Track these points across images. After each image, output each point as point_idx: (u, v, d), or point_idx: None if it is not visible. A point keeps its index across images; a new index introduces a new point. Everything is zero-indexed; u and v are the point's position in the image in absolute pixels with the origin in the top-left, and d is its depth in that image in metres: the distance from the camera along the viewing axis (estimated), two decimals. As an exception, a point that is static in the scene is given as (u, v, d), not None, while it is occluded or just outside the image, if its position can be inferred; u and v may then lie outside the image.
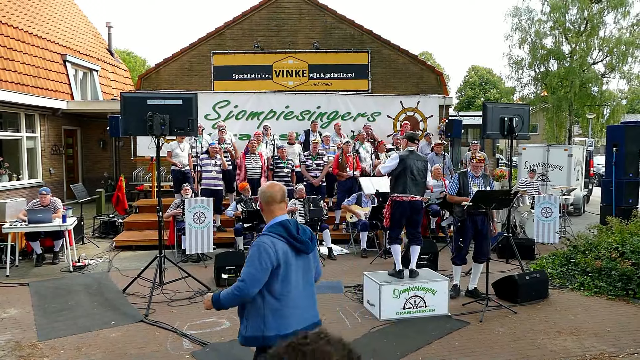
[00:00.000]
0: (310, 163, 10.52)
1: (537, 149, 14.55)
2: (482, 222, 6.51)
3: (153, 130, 6.48)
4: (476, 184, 6.59)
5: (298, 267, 2.99)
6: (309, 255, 3.07)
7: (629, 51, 25.36)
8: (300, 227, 3.09)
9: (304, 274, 3.04)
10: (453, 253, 6.78)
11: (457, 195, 6.58)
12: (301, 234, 3.02)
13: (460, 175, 6.68)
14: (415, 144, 6.66)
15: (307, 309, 3.05)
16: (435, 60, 52.34)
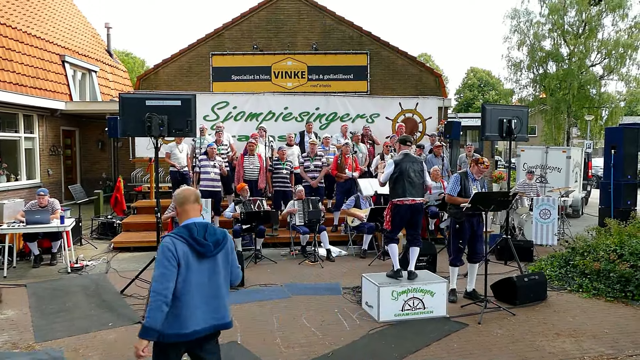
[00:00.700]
0: (308, 164, 10.51)
1: (535, 150, 14.56)
2: (478, 223, 6.56)
3: (151, 131, 6.47)
4: (475, 187, 6.59)
5: (202, 269, 3.07)
6: (217, 258, 3.14)
7: (628, 53, 25.45)
8: (210, 229, 3.15)
9: (210, 276, 3.10)
10: (451, 255, 6.75)
11: (458, 196, 6.56)
12: (207, 237, 3.09)
13: (462, 175, 6.65)
14: (409, 147, 6.65)
15: (211, 311, 3.11)
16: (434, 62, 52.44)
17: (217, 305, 3.15)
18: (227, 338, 5.36)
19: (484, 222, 6.52)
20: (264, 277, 7.82)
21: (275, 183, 10.40)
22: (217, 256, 3.14)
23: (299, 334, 5.49)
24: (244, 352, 5.02)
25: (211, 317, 3.12)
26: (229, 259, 3.25)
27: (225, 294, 3.23)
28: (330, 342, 5.26)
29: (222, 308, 3.19)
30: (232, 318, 3.30)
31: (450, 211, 6.81)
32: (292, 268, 8.49)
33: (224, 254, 3.20)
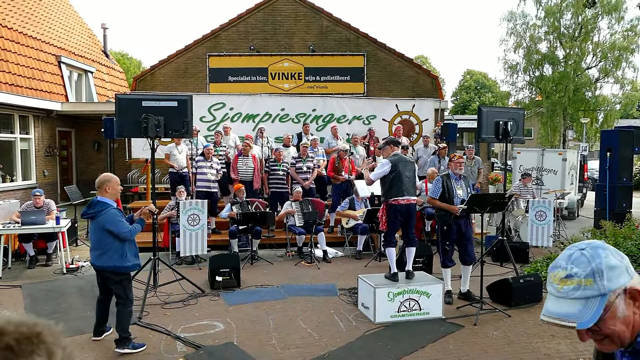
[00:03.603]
0: (300, 165, 10.50)
1: (531, 153, 14.60)
2: (465, 225, 6.60)
3: (148, 132, 6.46)
4: (460, 186, 6.60)
5: (90, 227, 5.20)
6: (94, 221, 5.04)
7: (623, 56, 25.55)
8: (92, 202, 5.08)
9: (93, 233, 5.11)
10: (441, 256, 6.79)
11: (441, 197, 6.58)
12: (88, 207, 5.10)
13: (444, 177, 6.68)
14: (399, 147, 6.68)
15: (93, 255, 5.11)
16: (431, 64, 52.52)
17: (94, 251, 5.09)
18: (223, 339, 5.36)
19: (472, 224, 6.56)
20: (260, 278, 7.81)
21: (272, 184, 10.39)
22: (92, 221, 5.05)
23: (295, 335, 5.49)
24: (240, 353, 5.01)
25: (93, 258, 5.12)
26: (100, 221, 4.96)
27: (95, 247, 5.06)
28: (326, 343, 5.26)
29: (96, 252, 5.06)
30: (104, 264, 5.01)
31: (438, 213, 6.84)
32: (289, 269, 8.48)
33: (97, 217, 4.97)
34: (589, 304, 1.25)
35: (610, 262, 1.26)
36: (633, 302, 1.28)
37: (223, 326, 5.76)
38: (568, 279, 1.28)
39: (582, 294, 1.26)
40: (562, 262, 1.31)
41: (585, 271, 1.26)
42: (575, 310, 1.26)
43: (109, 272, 5.05)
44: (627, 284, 1.26)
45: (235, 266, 7.34)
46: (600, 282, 1.25)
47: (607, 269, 1.25)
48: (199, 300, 6.70)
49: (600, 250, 1.29)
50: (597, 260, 1.27)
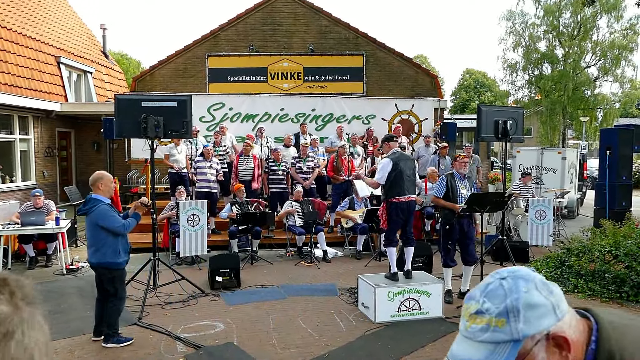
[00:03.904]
0: (300, 165, 10.50)
1: (531, 152, 14.60)
2: (468, 224, 6.58)
3: (147, 132, 6.45)
4: (464, 186, 6.60)
5: (85, 224, 5.36)
6: (87, 217, 5.15)
7: (622, 55, 25.55)
8: (86, 199, 5.17)
9: (87, 229, 5.22)
10: (442, 256, 6.78)
11: (445, 197, 6.57)
12: (83, 204, 5.22)
13: (448, 177, 6.67)
14: (397, 143, 6.66)
15: (89, 252, 5.23)
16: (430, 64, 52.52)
17: (90, 248, 5.21)
18: (223, 339, 5.36)
19: (474, 224, 6.54)
20: (260, 278, 7.81)
21: (271, 184, 10.39)
22: (86, 218, 5.18)
23: (295, 335, 5.49)
24: (240, 353, 5.01)
25: (89, 255, 5.24)
26: (92, 217, 5.06)
27: (90, 244, 5.18)
28: (326, 343, 5.26)
29: (91, 250, 5.19)
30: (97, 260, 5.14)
31: (441, 212, 6.83)
32: (289, 269, 8.48)
33: (90, 214, 5.07)
34: (497, 351, 1.00)
35: (532, 299, 1.01)
36: (559, 352, 1.01)
37: (223, 326, 5.76)
38: (478, 315, 1.03)
39: (490, 337, 1.01)
40: (477, 293, 1.06)
41: (498, 308, 1.01)
42: (480, 357, 1.01)
43: (103, 268, 5.18)
44: (551, 328, 1.01)
45: (235, 266, 7.34)
46: (514, 323, 1.00)
47: (526, 307, 1.00)
48: (199, 300, 6.71)
49: (522, 283, 1.04)
50: (514, 296, 1.01)
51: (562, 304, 1.05)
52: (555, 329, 1.01)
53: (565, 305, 1.05)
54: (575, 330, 1.04)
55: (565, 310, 1.04)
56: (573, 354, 1.02)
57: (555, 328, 1.01)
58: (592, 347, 1.05)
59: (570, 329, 1.03)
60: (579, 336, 1.04)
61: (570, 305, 1.08)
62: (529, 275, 1.06)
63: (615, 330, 1.06)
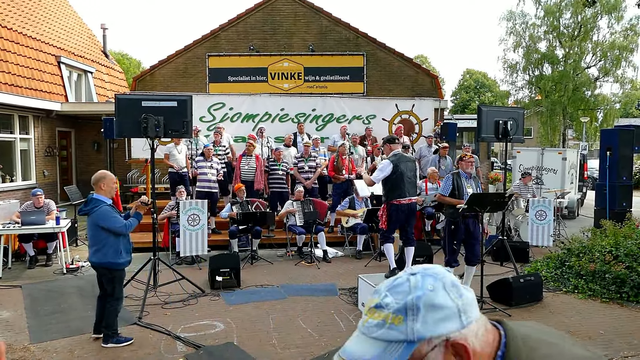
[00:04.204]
0: (302, 165, 10.51)
1: (531, 152, 14.59)
2: (474, 224, 6.53)
3: (147, 132, 6.45)
4: (470, 185, 6.59)
5: (87, 224, 5.27)
6: (89, 217, 5.13)
7: (623, 55, 25.55)
8: (88, 199, 5.15)
9: (88, 229, 5.19)
10: (446, 255, 6.75)
11: (451, 195, 6.55)
12: (84, 204, 5.21)
13: (454, 175, 6.66)
14: (398, 145, 6.65)
15: (90, 252, 5.21)
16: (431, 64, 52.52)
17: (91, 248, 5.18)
18: (223, 339, 5.36)
19: (480, 223, 6.52)
20: (260, 278, 7.81)
21: (272, 184, 10.38)
22: (88, 217, 5.13)
23: (295, 335, 5.49)
24: (240, 353, 5.01)
25: (90, 255, 5.21)
26: (93, 218, 5.06)
27: (92, 244, 5.15)
28: (326, 343, 5.25)
29: (92, 249, 5.16)
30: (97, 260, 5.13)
31: (446, 211, 6.81)
32: (289, 269, 8.48)
33: (91, 215, 5.06)
34: (388, 350, 0.91)
35: (436, 299, 0.93)
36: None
37: (223, 326, 5.75)
38: (377, 310, 0.96)
39: (384, 334, 0.92)
40: (383, 287, 1.00)
41: (398, 304, 0.94)
42: (369, 355, 0.92)
43: (103, 268, 5.18)
44: (451, 334, 0.92)
45: (235, 266, 7.34)
46: (411, 322, 0.91)
47: (427, 307, 0.92)
48: (199, 300, 6.70)
49: (429, 280, 0.96)
50: (417, 293, 0.94)
51: (471, 311, 0.96)
52: (456, 336, 0.92)
53: (476, 312, 0.97)
54: (482, 341, 0.96)
55: (474, 317, 0.96)
56: None
57: (457, 335, 0.92)
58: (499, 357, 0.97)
59: (475, 338, 0.94)
60: (485, 348, 0.96)
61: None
62: (440, 274, 0.98)
63: (526, 345, 0.99)
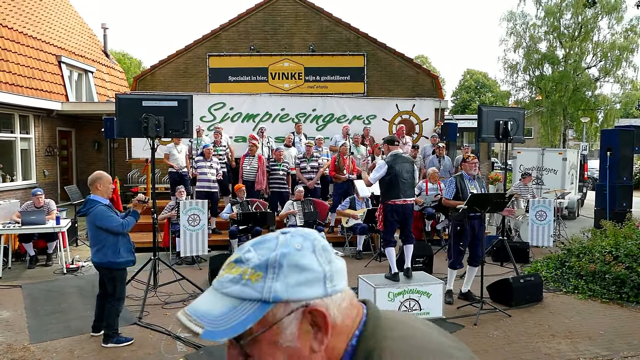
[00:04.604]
0: (304, 165, 10.51)
1: (531, 152, 14.59)
2: (479, 225, 6.53)
3: (148, 131, 6.44)
4: (474, 186, 6.59)
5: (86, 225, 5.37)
6: (86, 218, 5.19)
7: (623, 56, 25.55)
8: (85, 200, 5.17)
9: (88, 230, 5.27)
10: (451, 257, 6.71)
11: (455, 198, 6.56)
12: (82, 206, 5.23)
13: (457, 178, 6.67)
14: (397, 146, 6.65)
15: (92, 252, 5.23)
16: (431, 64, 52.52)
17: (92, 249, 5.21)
18: (223, 339, 5.35)
19: (484, 225, 6.52)
20: (260, 278, 7.79)
21: (272, 184, 10.38)
22: (86, 219, 5.21)
23: (295, 335, 5.48)
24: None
25: (92, 255, 5.24)
26: (90, 218, 5.10)
27: (92, 244, 5.20)
28: (326, 344, 5.25)
29: (93, 249, 5.19)
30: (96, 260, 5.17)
31: (451, 214, 6.80)
32: (289, 269, 8.46)
33: (88, 216, 5.11)
34: (239, 309, 0.82)
35: (301, 259, 0.84)
36: (313, 332, 0.84)
37: (223, 326, 5.74)
38: (236, 264, 0.87)
39: (237, 290, 0.83)
40: (250, 242, 0.90)
41: (260, 259, 0.84)
42: (217, 312, 0.83)
43: (104, 268, 5.23)
44: (312, 301, 0.83)
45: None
46: (270, 281, 0.82)
47: (290, 266, 0.83)
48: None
49: (299, 239, 0.87)
50: (282, 250, 0.85)
51: (339, 280, 0.89)
52: (317, 303, 0.84)
53: (344, 284, 0.90)
54: (344, 315, 0.88)
55: (341, 288, 0.89)
56: (331, 340, 0.85)
57: (318, 302, 0.84)
58: (354, 342, 0.88)
59: (337, 310, 0.86)
60: (346, 322, 0.88)
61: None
62: (312, 236, 0.89)
63: (384, 325, 0.91)
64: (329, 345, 0.85)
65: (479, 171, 11.76)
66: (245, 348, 0.85)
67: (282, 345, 0.83)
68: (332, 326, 0.85)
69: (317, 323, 0.84)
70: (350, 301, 0.91)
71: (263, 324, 0.82)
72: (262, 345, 0.84)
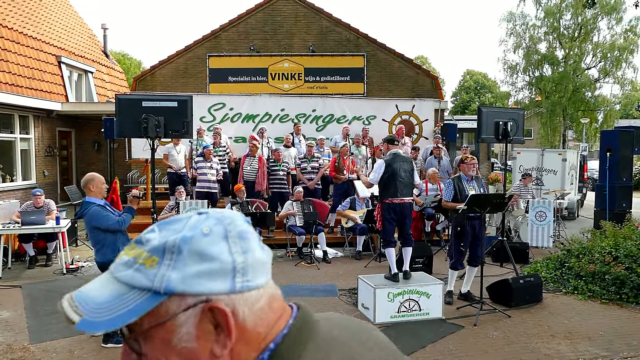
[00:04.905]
0: (305, 166, 10.51)
1: (531, 153, 14.59)
2: (479, 226, 6.54)
3: (148, 132, 6.44)
4: (472, 187, 6.59)
5: None
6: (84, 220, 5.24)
7: (623, 56, 25.56)
8: (82, 202, 5.19)
9: (87, 231, 5.35)
10: (452, 258, 6.69)
11: (454, 200, 6.56)
12: (79, 209, 5.28)
13: (455, 180, 6.68)
14: (396, 146, 6.66)
15: (94, 252, 5.30)
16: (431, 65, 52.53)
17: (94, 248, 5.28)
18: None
19: (485, 225, 6.53)
20: (260, 279, 7.80)
21: (273, 184, 10.38)
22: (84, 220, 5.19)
23: (295, 336, 5.48)
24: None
25: (95, 255, 5.30)
26: (87, 222, 5.13)
27: (93, 245, 5.30)
28: (326, 344, 5.25)
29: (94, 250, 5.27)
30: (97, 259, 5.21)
31: (452, 215, 6.80)
32: (288, 269, 8.48)
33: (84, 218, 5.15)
34: (125, 298, 0.70)
35: (206, 246, 0.71)
36: (215, 333, 0.72)
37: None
38: (136, 244, 0.75)
39: (128, 275, 0.72)
40: (160, 222, 0.78)
41: (160, 242, 0.72)
42: (101, 299, 0.71)
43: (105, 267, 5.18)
44: (214, 296, 0.71)
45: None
46: (164, 268, 0.70)
47: (192, 253, 0.71)
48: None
49: (211, 222, 0.74)
50: (186, 233, 0.72)
51: (256, 276, 0.74)
52: (220, 300, 0.71)
53: (263, 280, 0.76)
54: (259, 318, 0.75)
55: (256, 285, 0.74)
56: (239, 347, 0.72)
57: (222, 299, 0.71)
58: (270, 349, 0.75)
59: (249, 310, 0.73)
60: (259, 329, 0.75)
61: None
62: (229, 220, 0.75)
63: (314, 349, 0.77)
64: (235, 351, 0.72)
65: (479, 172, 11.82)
66: (135, 345, 0.73)
67: (177, 346, 0.71)
68: (240, 329, 0.72)
69: (219, 322, 0.71)
70: (271, 304, 0.77)
71: (155, 319, 0.70)
72: (154, 344, 0.71)
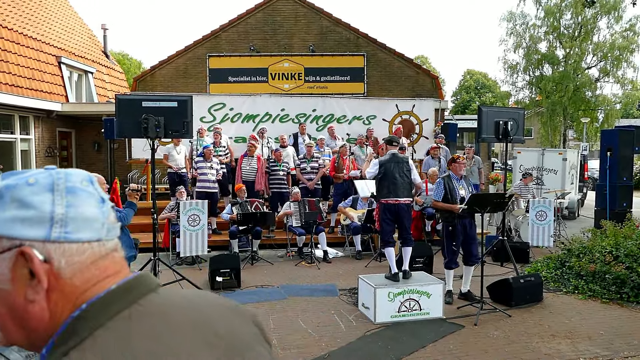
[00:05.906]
0: (305, 166, 10.51)
1: (532, 152, 14.59)
2: (470, 225, 6.56)
3: (148, 132, 6.45)
4: (462, 186, 6.60)
5: None
6: None
7: (623, 56, 25.56)
8: None
9: None
10: (446, 257, 6.73)
11: (444, 200, 6.57)
12: None
13: (445, 179, 6.67)
14: (395, 147, 6.68)
15: None
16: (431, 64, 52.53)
17: None
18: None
19: (475, 223, 6.55)
20: (260, 279, 7.81)
21: (272, 184, 10.38)
22: None
23: (295, 336, 5.48)
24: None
25: None
26: None
27: None
28: (326, 344, 5.25)
29: None
30: None
31: (442, 215, 6.82)
32: (289, 269, 8.48)
33: None
34: None
35: (28, 195, 0.75)
36: (30, 278, 0.74)
37: (223, 326, 5.74)
38: None
39: None
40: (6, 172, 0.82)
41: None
42: None
43: None
44: (28, 242, 0.73)
45: (235, 266, 7.34)
46: None
47: (13, 200, 0.74)
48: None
49: (40, 176, 0.78)
50: (12, 181, 0.77)
51: (80, 229, 0.76)
52: (34, 246, 0.73)
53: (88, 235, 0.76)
54: (76, 271, 0.75)
55: (78, 238, 0.75)
56: (56, 296, 0.74)
57: (37, 246, 0.73)
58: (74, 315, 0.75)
59: (66, 262, 0.74)
60: (76, 282, 0.75)
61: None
62: (64, 175, 0.80)
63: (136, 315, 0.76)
64: (52, 299, 0.74)
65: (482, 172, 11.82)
66: None
67: None
68: (55, 278, 0.73)
69: (30, 268, 0.73)
70: (94, 261, 0.77)
71: None
72: None
